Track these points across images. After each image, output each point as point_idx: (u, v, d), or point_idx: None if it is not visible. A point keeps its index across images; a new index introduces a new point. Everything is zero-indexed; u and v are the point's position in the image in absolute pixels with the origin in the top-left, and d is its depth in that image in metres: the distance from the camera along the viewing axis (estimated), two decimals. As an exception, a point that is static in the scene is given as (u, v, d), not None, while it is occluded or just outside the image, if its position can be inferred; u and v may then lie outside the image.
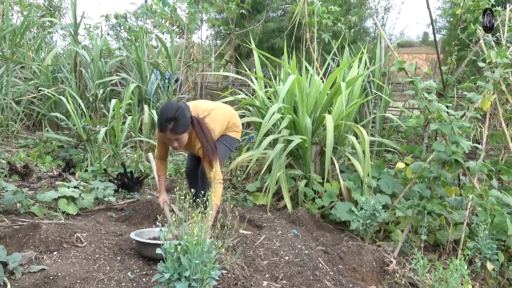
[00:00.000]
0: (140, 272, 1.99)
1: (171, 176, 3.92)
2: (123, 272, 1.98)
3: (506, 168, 2.80)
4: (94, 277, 1.88)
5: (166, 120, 2.19)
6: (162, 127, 2.21)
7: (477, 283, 2.22)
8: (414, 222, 2.57)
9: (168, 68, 5.50)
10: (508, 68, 2.92)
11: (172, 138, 2.23)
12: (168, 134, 2.22)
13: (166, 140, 2.29)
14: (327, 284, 2.10)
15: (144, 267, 2.06)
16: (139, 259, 2.14)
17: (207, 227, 1.80)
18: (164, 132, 2.21)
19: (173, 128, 2.20)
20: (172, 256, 1.71)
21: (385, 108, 4.53)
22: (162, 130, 2.21)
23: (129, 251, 2.21)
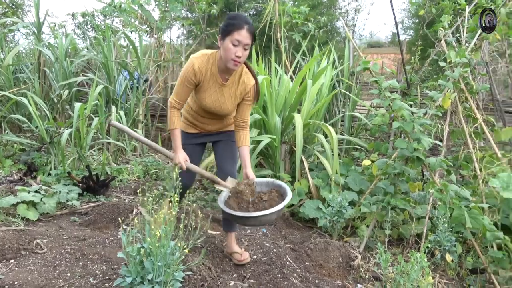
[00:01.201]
0: (103, 277, 1.94)
1: (139, 178, 3.85)
2: (85, 278, 1.92)
3: (465, 164, 2.92)
4: (54, 284, 1.81)
5: (244, 19, 1.94)
6: (240, 24, 1.91)
7: (437, 274, 2.30)
8: (378, 217, 2.63)
9: (137, 68, 5.40)
10: (467, 67, 3.04)
11: (245, 40, 1.92)
12: (244, 32, 1.91)
13: (235, 42, 1.91)
14: (294, 281, 2.12)
15: (107, 271, 2.00)
16: (103, 263, 2.08)
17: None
18: (240, 29, 1.90)
19: (251, 29, 1.94)
20: (135, 259, 1.68)
21: (353, 107, 4.61)
22: (239, 27, 1.90)
23: (92, 256, 2.15)
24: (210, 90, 2.10)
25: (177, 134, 2.12)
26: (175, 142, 2.12)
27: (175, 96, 2.10)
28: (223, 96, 2.12)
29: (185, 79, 2.04)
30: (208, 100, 2.11)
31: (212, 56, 2.06)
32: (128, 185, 3.68)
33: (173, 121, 2.11)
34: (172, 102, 2.10)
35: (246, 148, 2.20)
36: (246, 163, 2.17)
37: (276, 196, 2.13)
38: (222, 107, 2.14)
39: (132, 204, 2.99)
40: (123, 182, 3.71)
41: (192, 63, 2.02)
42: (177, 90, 2.09)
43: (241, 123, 2.21)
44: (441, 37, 3.46)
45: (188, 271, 1.94)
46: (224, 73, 2.07)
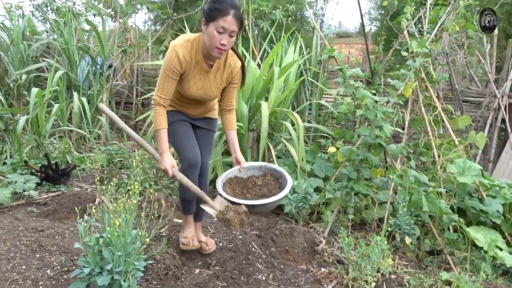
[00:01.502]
0: (61, 269, 1.87)
1: (103, 166, 3.73)
2: (41, 270, 1.85)
3: (425, 150, 3.03)
4: (7, 278, 1.73)
5: (230, 3, 1.77)
6: (226, 9, 1.75)
7: (397, 257, 2.39)
8: (342, 203, 2.69)
9: (100, 53, 5.19)
10: (428, 57, 3.13)
11: (231, 27, 1.77)
12: (230, 18, 1.75)
13: (220, 29, 1.76)
14: (259, 267, 2.14)
15: (66, 263, 1.94)
16: (61, 255, 2.01)
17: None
18: (226, 15, 1.74)
19: (238, 14, 1.78)
20: (93, 249, 1.63)
21: (320, 96, 4.66)
22: (225, 13, 1.75)
23: (50, 248, 2.07)
24: (194, 78, 1.94)
25: (163, 135, 1.90)
26: (162, 144, 1.90)
27: (159, 91, 1.89)
28: (208, 83, 1.98)
29: (169, 71, 1.86)
30: (193, 89, 1.96)
31: (196, 42, 1.89)
32: (91, 174, 3.56)
33: (159, 120, 1.89)
34: (156, 99, 1.89)
35: (233, 132, 2.12)
36: (235, 147, 2.08)
37: (272, 180, 2.09)
38: (208, 93, 2.01)
39: (94, 193, 2.90)
40: (85, 171, 3.59)
41: (176, 51, 1.84)
42: (160, 84, 1.89)
43: (227, 107, 2.11)
44: (404, 28, 3.54)
45: (151, 260, 1.91)
46: (208, 59, 1.93)
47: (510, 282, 2.19)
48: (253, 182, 2.10)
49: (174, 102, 2.08)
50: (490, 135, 4.29)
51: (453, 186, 2.75)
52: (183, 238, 2.16)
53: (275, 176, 2.13)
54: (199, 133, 2.16)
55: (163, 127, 1.90)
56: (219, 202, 1.96)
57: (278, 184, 2.11)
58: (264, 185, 2.08)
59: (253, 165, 2.17)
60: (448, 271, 2.22)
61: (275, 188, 2.08)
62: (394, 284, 2.02)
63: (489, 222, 2.59)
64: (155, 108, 1.91)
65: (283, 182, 2.08)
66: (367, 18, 10.11)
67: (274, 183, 2.10)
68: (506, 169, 4.15)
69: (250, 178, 2.12)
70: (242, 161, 2.08)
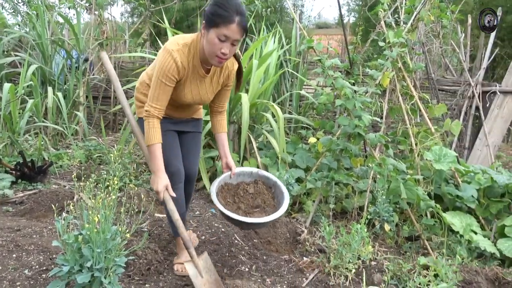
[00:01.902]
0: (40, 268, 1.83)
1: (81, 163, 3.65)
2: (19, 270, 1.80)
3: (403, 139, 3.09)
4: (-18, 279, 1.68)
5: (235, 9, 1.59)
6: (230, 17, 1.58)
7: (377, 243, 2.44)
8: (323, 192, 2.73)
9: (76, 47, 5.04)
10: (404, 47, 3.17)
11: (234, 35, 1.61)
12: (234, 27, 1.59)
13: (222, 37, 1.60)
14: (242, 258, 2.15)
15: (45, 262, 1.90)
16: (40, 254, 1.96)
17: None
18: (230, 23, 1.58)
19: (243, 22, 1.61)
20: (72, 247, 1.60)
21: (301, 86, 4.68)
22: (229, 20, 1.58)
23: (27, 247, 2.02)
24: (190, 84, 1.79)
25: (157, 151, 1.71)
26: (156, 162, 1.71)
27: (154, 102, 1.70)
28: (204, 88, 1.84)
29: (165, 78, 1.67)
30: (188, 95, 1.81)
31: (193, 46, 1.72)
32: (69, 171, 3.48)
33: (153, 134, 1.70)
34: (150, 110, 1.70)
35: (224, 135, 2.00)
36: (225, 151, 1.96)
37: (264, 189, 1.98)
38: (203, 98, 1.86)
39: (73, 190, 2.84)
40: (63, 168, 3.50)
41: (174, 57, 1.66)
42: (155, 93, 1.69)
43: (219, 108, 2.00)
44: (381, 18, 3.57)
45: (132, 256, 1.90)
46: (205, 63, 1.77)
47: (484, 264, 2.28)
48: (244, 189, 1.98)
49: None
50: (465, 122, 4.41)
51: (430, 173, 2.82)
52: (177, 264, 1.97)
53: (267, 184, 2.03)
54: (185, 138, 2.03)
55: (157, 142, 1.72)
56: (205, 261, 1.78)
57: (272, 194, 2.01)
58: (256, 194, 1.97)
59: (244, 171, 2.04)
60: (426, 255, 2.29)
61: (269, 199, 1.98)
62: (374, 270, 2.07)
63: (464, 207, 2.68)
64: (148, 121, 1.71)
65: (277, 192, 1.98)
66: (346, 9, 10.17)
67: (267, 192, 2.00)
68: (481, 155, 4.29)
69: (240, 185, 2.00)
70: (233, 166, 1.96)
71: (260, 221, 1.82)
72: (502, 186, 2.71)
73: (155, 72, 1.71)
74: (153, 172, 1.75)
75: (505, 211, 2.67)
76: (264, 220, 1.82)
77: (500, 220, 2.57)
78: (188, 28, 8.38)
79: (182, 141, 2.01)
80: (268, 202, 1.97)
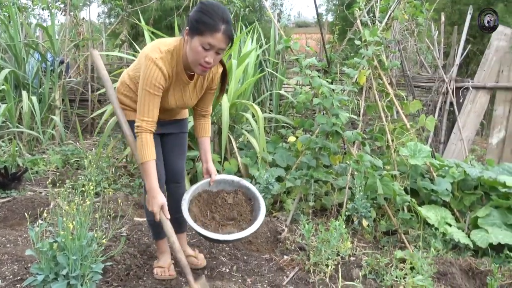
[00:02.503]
0: (14, 278, 1.79)
1: (58, 168, 3.58)
2: (-8, 280, 1.76)
3: (380, 136, 3.15)
4: (-47, 292, 1.64)
5: (221, 17, 1.54)
6: (216, 25, 1.52)
7: (356, 239, 2.48)
8: (303, 190, 2.75)
9: (50, 49, 4.93)
10: (379, 45, 3.23)
11: (220, 44, 1.55)
12: (219, 36, 1.53)
13: (207, 46, 1.55)
14: (223, 259, 2.15)
15: (19, 271, 1.85)
16: (14, 263, 1.92)
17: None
18: (215, 32, 1.52)
19: (229, 30, 1.56)
20: (47, 255, 1.57)
21: (280, 86, 4.71)
22: (215, 29, 1.52)
23: (1, 257, 1.96)
24: (173, 91, 1.74)
25: (151, 169, 1.63)
26: (151, 180, 1.63)
27: (145, 115, 1.61)
28: (187, 93, 1.78)
29: (153, 88, 1.60)
30: (172, 101, 1.76)
31: (176, 52, 1.66)
32: (45, 177, 3.41)
33: (146, 151, 1.61)
34: (141, 125, 1.62)
35: (207, 139, 1.94)
36: (207, 157, 1.91)
37: (243, 201, 1.91)
38: (186, 103, 1.82)
39: (49, 196, 2.78)
40: (39, 174, 3.42)
41: (159, 66, 1.59)
42: (144, 106, 1.61)
43: (202, 112, 1.94)
44: (357, 17, 3.63)
45: (111, 262, 1.87)
46: (189, 69, 1.71)
47: (458, 256, 2.34)
48: (223, 198, 1.91)
49: None
50: (440, 118, 4.53)
51: (407, 168, 2.88)
52: (157, 267, 1.93)
53: (247, 195, 1.94)
54: (169, 139, 1.96)
55: (151, 159, 1.62)
56: (202, 285, 1.70)
57: (250, 206, 1.92)
58: (235, 205, 1.89)
59: (225, 179, 1.96)
60: (403, 249, 2.34)
61: (246, 212, 1.90)
62: (353, 266, 2.10)
63: (439, 201, 2.75)
64: (141, 137, 1.62)
65: (256, 205, 1.90)
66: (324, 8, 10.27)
67: (246, 204, 1.91)
68: (455, 149, 4.41)
69: (220, 193, 1.93)
70: (213, 173, 1.89)
71: (226, 238, 1.71)
72: (475, 178, 2.80)
73: (140, 84, 1.63)
74: (147, 191, 1.66)
75: (478, 203, 2.76)
76: (230, 238, 1.72)
77: (473, 212, 2.65)
78: (167, 28, 8.29)
79: (166, 142, 1.96)
80: (245, 216, 1.89)
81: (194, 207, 1.84)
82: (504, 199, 2.62)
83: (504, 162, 3.82)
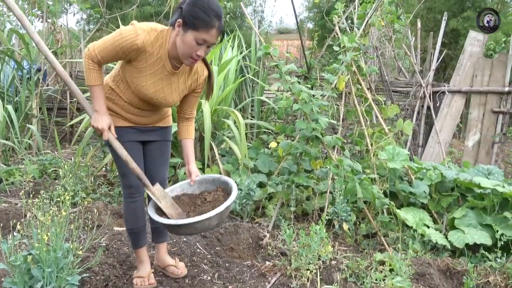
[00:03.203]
0: (-13, 293, 1.73)
1: (35, 178, 3.49)
2: (-37, 296, 1.69)
3: (359, 140, 3.20)
4: None
5: (216, 14, 1.57)
6: (211, 22, 1.56)
7: (337, 243, 2.51)
8: (284, 196, 2.77)
9: (27, 57, 4.82)
10: (358, 51, 3.30)
11: (212, 40, 1.60)
12: (213, 32, 1.58)
13: (200, 41, 1.58)
14: (204, 267, 2.13)
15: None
16: (-13, 278, 1.85)
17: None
18: (210, 28, 1.56)
19: (221, 26, 1.60)
20: (20, 268, 1.53)
21: (261, 92, 4.73)
22: (210, 25, 1.56)
23: (-27, 271, 1.89)
24: (154, 76, 1.70)
25: (99, 92, 1.67)
26: (98, 101, 1.66)
27: (98, 48, 1.62)
28: (169, 86, 1.75)
29: (120, 46, 1.59)
30: (151, 88, 1.72)
31: (162, 36, 1.65)
32: (21, 188, 3.32)
33: (92, 75, 1.64)
34: (91, 52, 1.62)
35: (190, 141, 1.94)
36: (189, 158, 1.90)
37: (221, 196, 1.86)
38: (167, 99, 1.77)
39: (24, 208, 2.70)
40: (15, 185, 3.33)
41: (137, 34, 1.58)
42: (105, 45, 1.61)
43: (186, 115, 1.93)
44: (335, 24, 3.70)
45: (88, 273, 1.83)
46: (175, 60, 1.70)
47: (436, 256, 2.39)
48: (204, 198, 1.86)
49: (124, 109, 1.80)
50: (418, 121, 4.63)
51: (385, 172, 2.93)
52: (136, 278, 1.90)
53: (226, 191, 1.87)
54: (151, 147, 1.93)
55: (98, 83, 1.66)
56: (159, 190, 1.74)
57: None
58: (212, 201, 1.84)
59: (206, 178, 1.93)
60: (383, 251, 2.38)
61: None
62: (334, 270, 2.12)
63: (418, 203, 2.81)
64: (88, 61, 1.63)
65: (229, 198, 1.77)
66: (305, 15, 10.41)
67: (223, 198, 1.84)
68: (433, 152, 4.52)
69: (202, 194, 1.89)
70: (193, 173, 1.88)
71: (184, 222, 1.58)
72: (451, 180, 2.87)
73: (116, 32, 1.62)
74: (96, 111, 1.67)
75: (455, 204, 2.83)
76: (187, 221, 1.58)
77: (450, 213, 2.71)
78: (148, 35, 8.26)
79: (149, 149, 1.94)
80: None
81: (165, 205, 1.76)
82: (479, 200, 2.69)
83: (479, 164, 3.93)
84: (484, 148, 4.43)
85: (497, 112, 4.35)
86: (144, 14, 8.52)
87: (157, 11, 8.57)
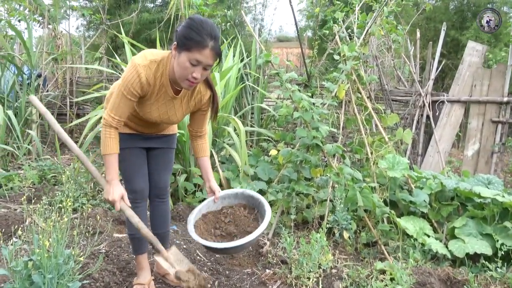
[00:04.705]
0: (-14, 299, 1.72)
1: (34, 184, 3.48)
2: (-39, 303, 1.68)
3: (359, 148, 3.21)
4: None
5: (210, 33, 1.54)
6: (204, 41, 1.53)
7: (337, 251, 2.50)
8: (284, 204, 2.76)
9: (27, 62, 4.83)
10: (357, 60, 3.32)
11: (207, 60, 1.56)
12: (207, 52, 1.54)
13: (194, 62, 1.55)
14: (205, 275, 2.12)
15: (-9, 292, 1.78)
16: (-14, 284, 1.84)
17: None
18: (203, 48, 1.53)
19: (216, 47, 1.57)
20: (21, 274, 1.52)
21: (261, 99, 4.75)
22: (202, 45, 1.53)
23: (-28, 277, 1.88)
24: (158, 102, 1.73)
25: (113, 161, 1.66)
26: (111, 171, 1.66)
27: (113, 112, 1.64)
28: (172, 108, 1.76)
29: (127, 91, 1.62)
30: (155, 113, 1.75)
31: (162, 64, 1.66)
32: (20, 193, 3.30)
33: (109, 144, 1.65)
34: (108, 119, 1.65)
35: (206, 159, 1.93)
36: (208, 175, 1.90)
37: (242, 212, 1.85)
38: (171, 119, 1.80)
39: (24, 214, 2.69)
40: (14, 190, 3.32)
41: (138, 73, 1.61)
42: (115, 103, 1.64)
43: (198, 133, 1.92)
44: (335, 33, 3.73)
45: (88, 279, 1.82)
46: (176, 84, 1.70)
47: (437, 266, 2.39)
48: (226, 214, 1.87)
49: (129, 125, 1.85)
50: (417, 130, 4.66)
51: (386, 180, 2.94)
52: (136, 284, 1.90)
53: (251, 205, 1.88)
54: (155, 153, 1.95)
55: (114, 152, 1.66)
56: (174, 254, 1.72)
57: (254, 215, 1.86)
58: (233, 219, 1.85)
59: (229, 193, 1.93)
60: (383, 260, 2.37)
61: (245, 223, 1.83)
62: (334, 278, 2.11)
63: (418, 212, 2.81)
64: (105, 130, 1.66)
65: (262, 212, 1.82)
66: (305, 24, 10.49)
67: (249, 215, 1.84)
68: (433, 161, 4.53)
69: (223, 209, 1.90)
70: (217, 190, 1.86)
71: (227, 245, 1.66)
72: (451, 190, 2.88)
73: (119, 83, 1.67)
74: (107, 182, 1.67)
75: (455, 213, 2.83)
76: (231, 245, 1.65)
77: (450, 223, 2.72)
78: (146, 41, 8.30)
79: (152, 156, 1.95)
80: (243, 228, 1.82)
81: (201, 226, 1.81)
82: (479, 209, 2.70)
83: (479, 173, 3.95)
84: (484, 158, 4.45)
85: (496, 122, 4.38)
86: (143, 21, 8.57)
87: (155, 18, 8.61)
